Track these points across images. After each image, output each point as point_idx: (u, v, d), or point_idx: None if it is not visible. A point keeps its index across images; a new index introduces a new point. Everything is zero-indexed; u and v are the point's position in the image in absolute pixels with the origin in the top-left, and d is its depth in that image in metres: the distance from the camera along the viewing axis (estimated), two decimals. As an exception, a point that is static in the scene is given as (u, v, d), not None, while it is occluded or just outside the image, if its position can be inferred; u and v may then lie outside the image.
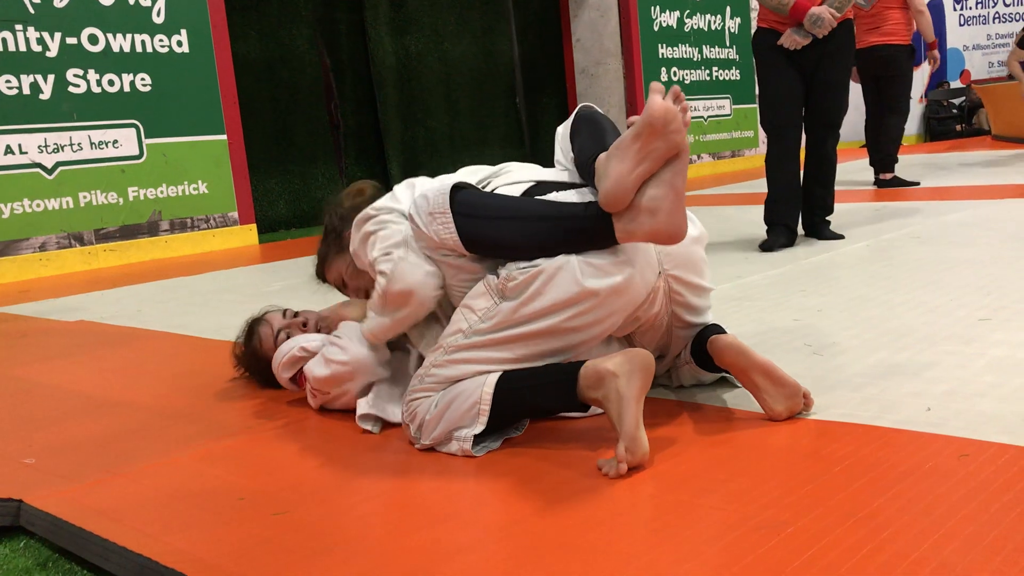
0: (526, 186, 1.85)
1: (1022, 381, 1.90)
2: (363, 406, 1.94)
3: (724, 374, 2.02)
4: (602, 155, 1.67)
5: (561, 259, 1.66)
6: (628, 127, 1.63)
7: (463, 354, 1.73)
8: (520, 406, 1.73)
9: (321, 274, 2.25)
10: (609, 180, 1.62)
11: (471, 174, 1.96)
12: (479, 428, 1.69)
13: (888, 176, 6.56)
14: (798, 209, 4.35)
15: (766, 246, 4.20)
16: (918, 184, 6.52)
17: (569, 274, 1.66)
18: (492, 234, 1.72)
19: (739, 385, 2.02)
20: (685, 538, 1.30)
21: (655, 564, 1.23)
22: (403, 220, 1.87)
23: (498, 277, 1.71)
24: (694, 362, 1.95)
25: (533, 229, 1.69)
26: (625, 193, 1.61)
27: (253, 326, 2.35)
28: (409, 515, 1.48)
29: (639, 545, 1.30)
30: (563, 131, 1.94)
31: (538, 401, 1.71)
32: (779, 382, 1.78)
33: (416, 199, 1.79)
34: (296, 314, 2.36)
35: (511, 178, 1.89)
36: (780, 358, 2.19)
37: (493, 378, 1.69)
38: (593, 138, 1.80)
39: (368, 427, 1.92)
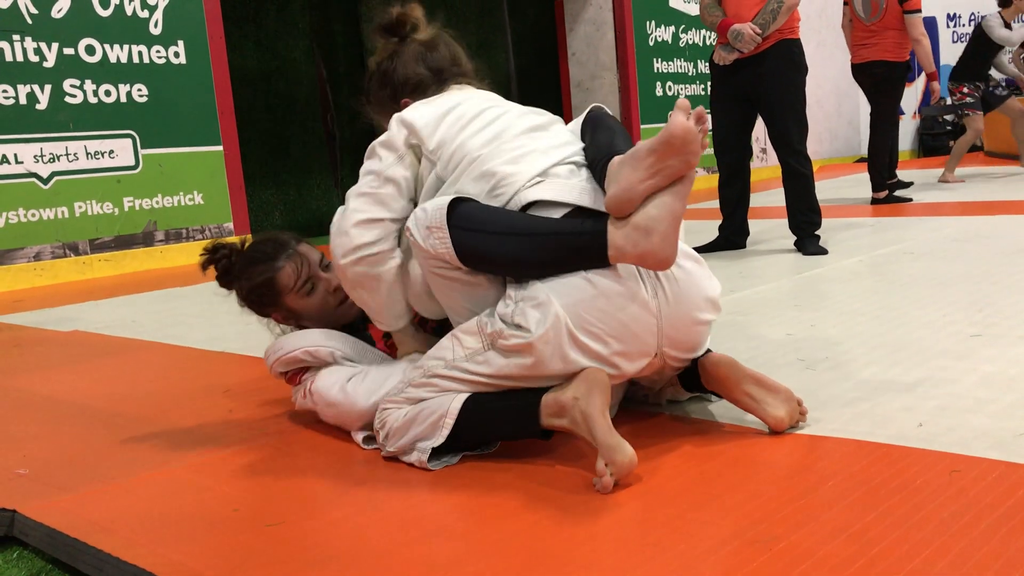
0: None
1: (1013, 397, 1.91)
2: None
3: (699, 394, 2.01)
4: (616, 159, 1.66)
5: (551, 332, 1.63)
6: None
7: (440, 382, 1.74)
8: (483, 428, 1.74)
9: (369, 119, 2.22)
10: (618, 186, 1.62)
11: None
12: (439, 441, 1.70)
13: (882, 194, 6.59)
14: (740, 225, 4.72)
15: (694, 249, 4.62)
16: (910, 200, 6.55)
17: (557, 353, 1.64)
18: (487, 249, 1.71)
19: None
20: (677, 553, 1.31)
21: (648, 578, 1.24)
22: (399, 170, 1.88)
23: (491, 325, 1.70)
24: (679, 383, 1.96)
25: (528, 246, 1.68)
26: (631, 202, 1.61)
27: (281, 251, 2.13)
28: (401, 529, 1.49)
29: (630, 560, 1.30)
30: (574, 127, 1.94)
31: (501, 425, 1.73)
32: (773, 389, 1.79)
33: (416, 212, 1.78)
34: (329, 267, 2.14)
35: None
36: (773, 372, 2.19)
37: (459, 400, 1.71)
38: (603, 139, 1.79)
39: (361, 442, 1.92)
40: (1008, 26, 7.58)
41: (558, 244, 1.67)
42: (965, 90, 7.68)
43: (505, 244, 1.69)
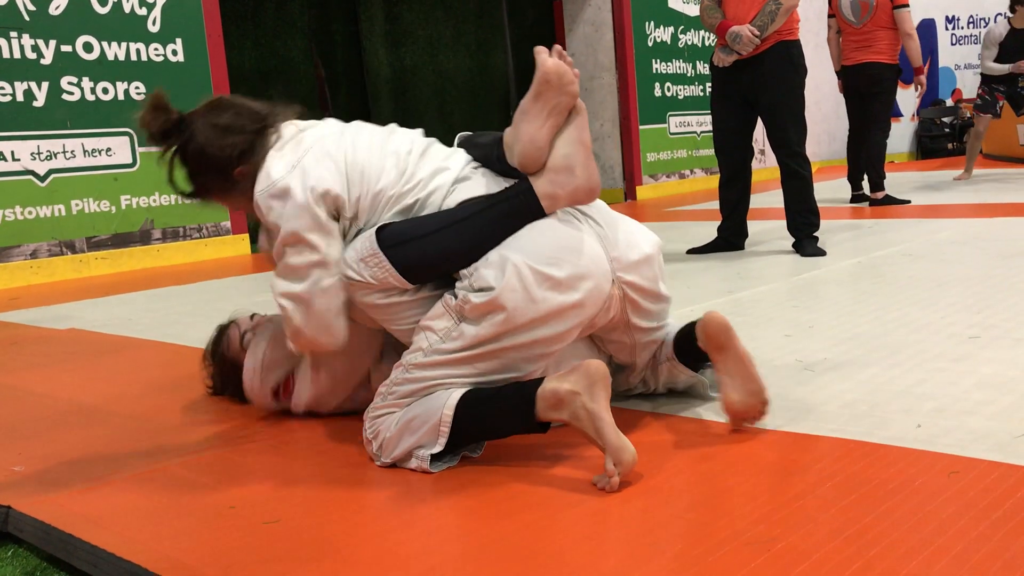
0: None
1: (1012, 399, 1.91)
2: None
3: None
4: (507, 129, 1.76)
5: (514, 279, 1.65)
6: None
7: (423, 372, 1.72)
8: (479, 429, 1.72)
9: (203, 196, 2.01)
10: (522, 143, 1.72)
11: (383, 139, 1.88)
12: (438, 448, 1.69)
13: (880, 195, 6.61)
14: (739, 226, 4.68)
15: (693, 250, 4.65)
16: (908, 202, 6.56)
17: (526, 296, 1.66)
18: (427, 252, 1.72)
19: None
20: (675, 553, 1.30)
21: (645, 578, 1.23)
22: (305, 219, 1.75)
23: (456, 297, 1.71)
24: (675, 358, 1.96)
25: (464, 231, 1.72)
26: (540, 150, 1.71)
27: (219, 337, 2.28)
28: (399, 527, 1.48)
29: (629, 560, 1.30)
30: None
31: (497, 424, 1.71)
32: (748, 377, 1.79)
33: (345, 255, 1.77)
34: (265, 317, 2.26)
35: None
36: (771, 373, 2.20)
37: (453, 400, 1.68)
38: (486, 139, 1.88)
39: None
40: (1005, 44, 7.55)
41: (492, 216, 1.73)
42: (979, 91, 7.84)
43: (443, 240, 1.72)
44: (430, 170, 1.83)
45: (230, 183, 1.90)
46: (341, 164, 1.80)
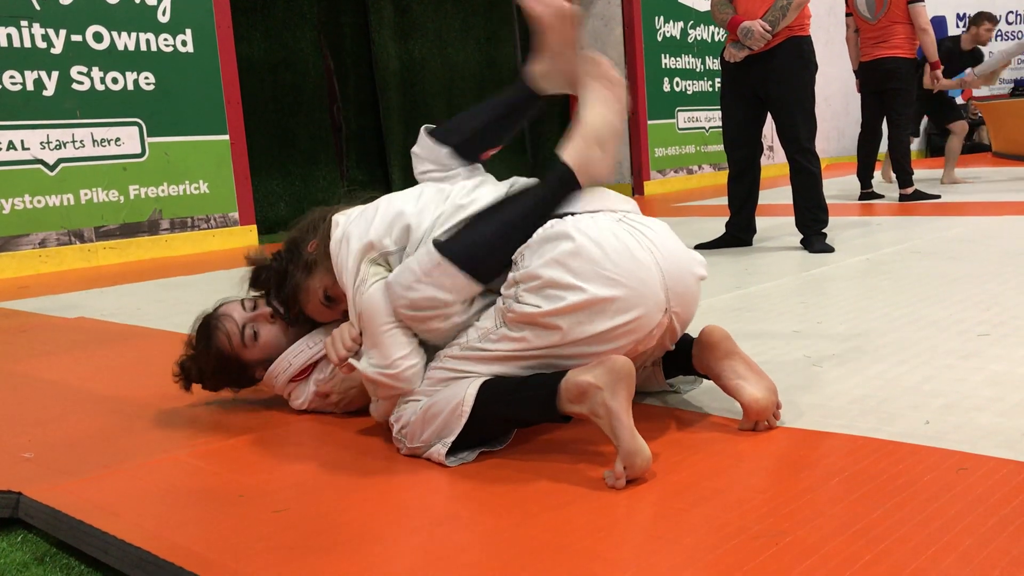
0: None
1: (1021, 396, 1.91)
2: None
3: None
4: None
5: (565, 309, 1.63)
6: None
7: (456, 363, 1.73)
8: (500, 417, 1.71)
9: (298, 311, 2.08)
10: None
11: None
12: (457, 430, 1.67)
13: (909, 190, 6.59)
14: (747, 222, 4.67)
15: (701, 246, 4.61)
16: (938, 197, 6.53)
17: (576, 319, 1.63)
18: (494, 254, 1.73)
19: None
20: (683, 546, 1.31)
21: (653, 571, 1.24)
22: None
23: (499, 303, 1.71)
24: (660, 364, 1.96)
25: (527, 226, 1.74)
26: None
27: (211, 327, 2.14)
28: (407, 516, 1.49)
29: (637, 552, 1.30)
30: (420, 149, 2.02)
31: (518, 413, 1.70)
32: (759, 375, 1.80)
33: (398, 278, 1.74)
34: (255, 304, 2.17)
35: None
36: (779, 369, 2.20)
37: (475, 387, 1.67)
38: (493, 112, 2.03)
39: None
40: None
41: (545, 210, 1.76)
42: None
43: (509, 242, 1.73)
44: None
45: (308, 263, 2.04)
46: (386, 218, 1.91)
